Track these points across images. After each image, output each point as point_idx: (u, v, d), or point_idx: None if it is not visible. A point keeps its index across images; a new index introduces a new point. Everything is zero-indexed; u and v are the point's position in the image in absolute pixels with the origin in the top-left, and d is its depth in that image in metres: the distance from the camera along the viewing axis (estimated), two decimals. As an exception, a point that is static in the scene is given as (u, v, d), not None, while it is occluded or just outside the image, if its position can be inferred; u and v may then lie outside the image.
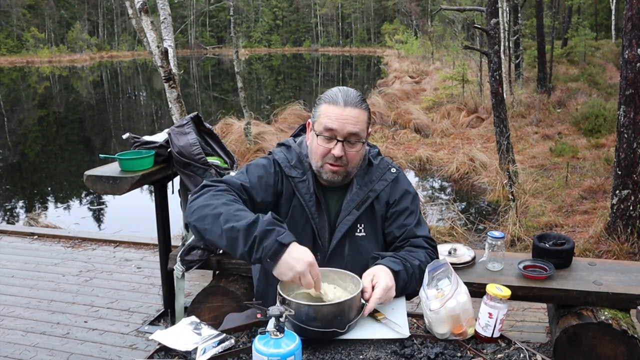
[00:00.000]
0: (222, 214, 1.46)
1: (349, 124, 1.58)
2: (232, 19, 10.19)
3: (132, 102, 23.24)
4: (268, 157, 1.74)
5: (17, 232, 4.91)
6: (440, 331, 1.38)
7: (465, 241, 5.03)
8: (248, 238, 1.39)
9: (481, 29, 7.54)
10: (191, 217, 1.53)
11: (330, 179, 1.64)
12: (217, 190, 1.56)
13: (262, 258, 1.38)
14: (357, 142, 1.61)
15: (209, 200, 1.52)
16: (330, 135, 1.59)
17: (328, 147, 1.60)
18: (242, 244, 1.39)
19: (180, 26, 36.05)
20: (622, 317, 2.25)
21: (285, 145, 1.77)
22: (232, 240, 1.42)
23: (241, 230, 1.40)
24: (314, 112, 1.67)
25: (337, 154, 1.58)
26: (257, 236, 1.38)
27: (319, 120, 1.62)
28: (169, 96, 4.50)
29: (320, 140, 1.61)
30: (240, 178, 1.64)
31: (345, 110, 1.58)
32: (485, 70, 12.64)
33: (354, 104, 1.59)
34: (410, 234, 1.69)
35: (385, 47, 46.85)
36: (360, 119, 1.60)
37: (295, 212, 1.66)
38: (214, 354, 1.32)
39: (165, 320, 3.27)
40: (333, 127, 1.57)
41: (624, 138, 4.34)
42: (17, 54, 51.31)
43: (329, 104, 1.60)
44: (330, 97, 1.61)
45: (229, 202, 1.51)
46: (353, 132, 1.58)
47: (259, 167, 1.68)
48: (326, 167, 1.62)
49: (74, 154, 11.93)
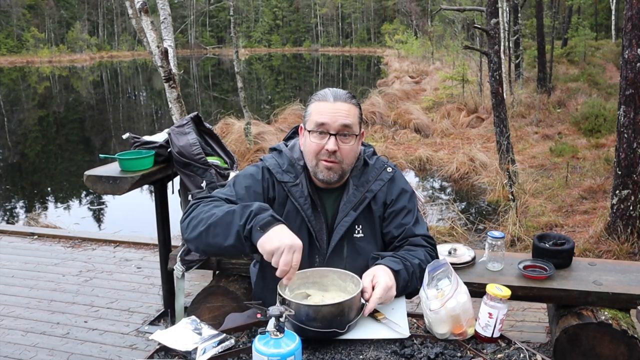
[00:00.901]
0: (215, 212, 1.49)
1: (340, 117, 1.58)
2: (232, 19, 10.19)
3: (132, 102, 23.24)
4: (258, 164, 1.73)
5: (17, 232, 4.92)
6: (440, 331, 1.38)
7: (465, 241, 5.03)
8: (244, 214, 1.43)
9: (481, 29, 7.54)
10: (186, 232, 1.54)
11: (325, 177, 1.62)
12: (206, 202, 1.58)
13: (254, 226, 1.39)
14: (350, 134, 1.60)
15: (200, 210, 1.55)
16: (323, 129, 1.59)
17: (321, 143, 1.59)
18: (237, 219, 1.43)
19: (180, 26, 36.06)
20: (622, 317, 2.25)
21: (276, 151, 1.77)
22: (227, 224, 1.44)
23: (237, 210, 1.45)
24: (304, 114, 1.67)
25: (330, 148, 1.57)
26: (254, 210, 1.43)
27: (310, 119, 1.62)
28: (169, 96, 4.50)
29: (313, 137, 1.60)
30: (226, 192, 1.64)
31: (335, 104, 1.60)
32: (485, 70, 12.64)
33: (343, 99, 1.61)
34: (408, 233, 1.68)
35: (385, 47, 46.86)
36: (351, 112, 1.61)
37: (289, 216, 1.65)
38: (214, 354, 1.32)
39: (165, 320, 3.27)
40: (325, 121, 1.58)
41: (624, 138, 4.34)
42: (17, 54, 51.36)
43: (319, 101, 1.62)
44: (319, 96, 1.64)
45: (219, 204, 1.55)
46: (345, 123, 1.58)
47: (246, 177, 1.68)
48: (321, 164, 1.61)
49: (74, 154, 11.93)
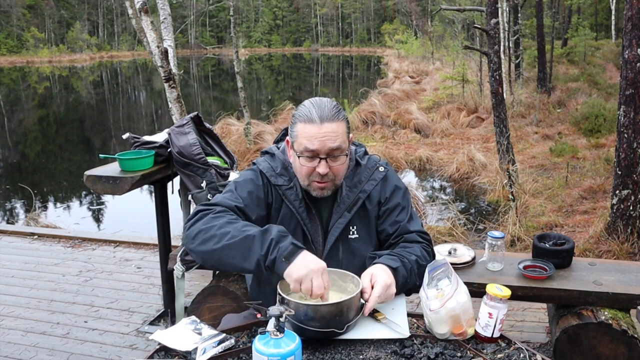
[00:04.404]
0: (231, 231, 1.45)
1: (328, 141, 1.54)
2: (232, 19, 10.20)
3: (132, 102, 23.24)
4: (253, 168, 1.71)
5: (17, 232, 4.91)
6: (440, 331, 1.38)
7: (465, 241, 5.03)
8: (264, 242, 1.41)
9: (481, 29, 7.53)
10: (192, 243, 1.50)
11: (319, 195, 1.63)
12: (215, 213, 1.54)
13: (277, 257, 1.38)
14: (340, 155, 1.58)
15: (210, 223, 1.50)
16: (312, 154, 1.56)
17: (312, 166, 1.58)
18: (258, 247, 1.40)
19: (180, 26, 36.00)
20: (622, 317, 2.25)
21: (269, 154, 1.75)
22: (245, 249, 1.42)
23: (257, 236, 1.42)
24: (290, 131, 1.62)
25: (322, 171, 1.56)
26: (274, 239, 1.41)
27: (297, 141, 1.58)
28: (169, 96, 4.50)
29: (303, 160, 1.58)
30: (231, 199, 1.61)
31: (322, 127, 1.54)
32: (485, 70, 12.64)
33: (330, 118, 1.55)
34: (403, 230, 1.69)
35: (385, 47, 46.88)
36: (339, 131, 1.56)
37: (285, 219, 1.65)
38: (214, 354, 1.32)
39: (165, 320, 3.27)
40: (313, 148, 1.54)
41: (624, 138, 4.34)
42: (17, 54, 51.39)
43: (305, 123, 1.56)
44: (305, 115, 1.56)
45: (232, 220, 1.51)
46: (334, 147, 1.55)
47: (247, 183, 1.66)
48: (314, 184, 1.61)
49: (74, 154, 11.94)
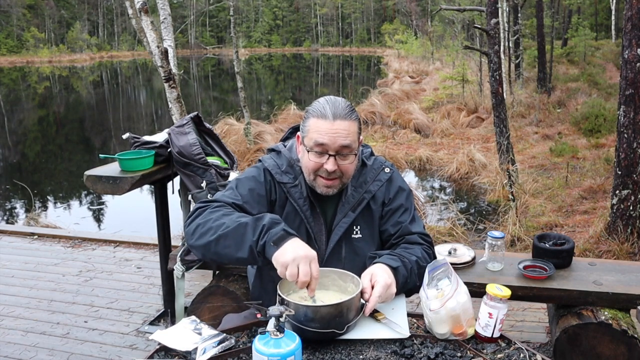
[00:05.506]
0: (226, 222, 1.47)
1: (339, 137, 1.55)
2: (232, 19, 10.20)
3: (132, 102, 23.24)
4: (258, 165, 1.71)
5: (17, 232, 4.91)
6: (440, 331, 1.38)
7: (465, 241, 5.03)
8: (256, 228, 1.42)
9: (481, 29, 7.53)
10: (192, 238, 1.51)
11: (324, 193, 1.63)
12: (213, 208, 1.55)
13: (267, 242, 1.39)
14: (349, 154, 1.58)
15: (207, 217, 1.52)
16: (322, 150, 1.56)
17: (320, 161, 1.58)
18: (250, 234, 1.41)
19: (180, 26, 36.04)
20: (622, 317, 2.25)
21: (275, 151, 1.76)
22: (239, 237, 1.43)
23: (249, 223, 1.43)
24: (302, 126, 1.63)
25: (330, 168, 1.56)
26: (266, 225, 1.42)
27: (308, 136, 1.58)
28: (169, 96, 4.50)
29: (312, 155, 1.58)
30: (231, 196, 1.62)
31: (334, 123, 1.54)
32: (485, 70, 12.65)
33: (343, 116, 1.56)
34: (405, 231, 1.69)
35: (385, 47, 46.89)
36: (350, 130, 1.57)
37: (289, 217, 1.65)
38: (214, 354, 1.32)
39: (165, 320, 3.27)
40: (324, 142, 1.55)
41: (624, 138, 4.34)
42: (17, 54, 51.37)
43: (317, 118, 1.57)
44: (318, 111, 1.57)
45: (228, 212, 1.53)
46: (345, 144, 1.56)
47: (249, 180, 1.66)
48: (319, 180, 1.61)
49: (74, 154, 11.93)
